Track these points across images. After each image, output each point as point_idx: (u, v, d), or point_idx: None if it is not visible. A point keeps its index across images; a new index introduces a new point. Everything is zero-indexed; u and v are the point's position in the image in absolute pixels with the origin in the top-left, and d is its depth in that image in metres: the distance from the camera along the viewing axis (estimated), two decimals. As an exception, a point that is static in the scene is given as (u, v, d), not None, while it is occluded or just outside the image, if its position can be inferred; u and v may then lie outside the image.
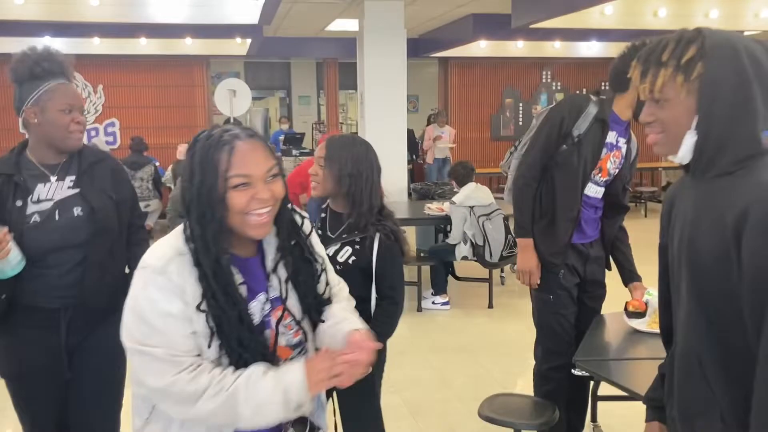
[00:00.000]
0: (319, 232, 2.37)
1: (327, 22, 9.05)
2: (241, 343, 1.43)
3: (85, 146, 2.33)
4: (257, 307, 1.50)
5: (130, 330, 1.42)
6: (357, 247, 2.35)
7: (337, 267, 2.28)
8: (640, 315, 2.81)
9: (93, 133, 10.63)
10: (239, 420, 1.41)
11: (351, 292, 2.16)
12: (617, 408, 3.62)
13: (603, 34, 8.98)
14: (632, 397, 2.91)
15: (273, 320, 1.52)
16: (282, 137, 11.97)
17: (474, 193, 5.56)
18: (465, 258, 5.59)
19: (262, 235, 1.49)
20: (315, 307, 1.61)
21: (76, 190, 2.23)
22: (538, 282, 2.93)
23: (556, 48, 10.86)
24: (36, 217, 2.16)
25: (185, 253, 1.42)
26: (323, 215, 2.44)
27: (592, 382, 3.21)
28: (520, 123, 12.05)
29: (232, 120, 8.16)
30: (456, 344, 5.03)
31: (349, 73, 11.80)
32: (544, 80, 12.18)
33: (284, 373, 1.42)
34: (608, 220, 3.00)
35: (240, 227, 1.44)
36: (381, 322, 2.35)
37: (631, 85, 2.76)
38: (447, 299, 5.85)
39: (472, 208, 5.44)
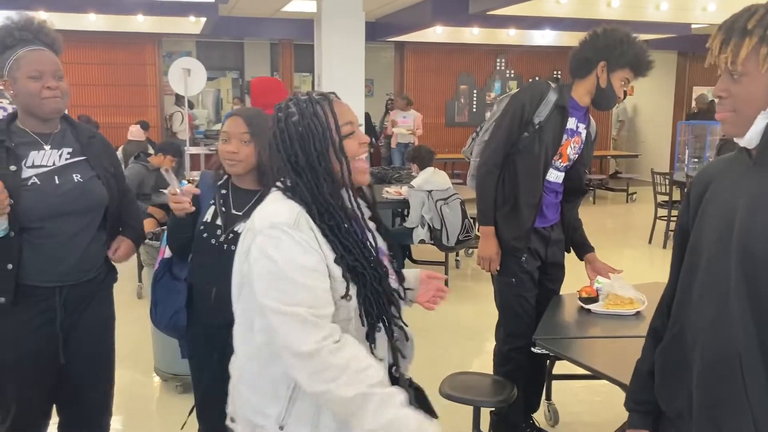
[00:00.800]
0: (223, 209, 2.29)
1: (283, 2, 8.93)
2: (376, 289, 1.52)
3: (75, 120, 2.31)
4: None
5: (269, 292, 1.43)
6: None
7: None
8: (593, 300, 2.91)
9: (38, 110, 10.28)
10: (357, 423, 1.42)
11: None
12: (570, 386, 3.74)
13: (556, 23, 9.13)
14: (585, 375, 3.03)
15: (387, 264, 1.63)
16: (235, 118, 11.83)
17: (432, 178, 5.61)
18: (422, 241, 5.65)
19: (366, 181, 1.59)
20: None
21: (76, 159, 2.22)
22: (498, 268, 2.99)
23: (510, 36, 10.98)
24: (35, 180, 2.13)
25: (302, 210, 1.49)
26: (224, 192, 2.33)
27: (548, 362, 3.31)
28: (474, 110, 12.16)
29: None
30: (413, 326, 5.06)
31: (303, 56, 11.69)
32: (498, 68, 12.30)
33: (428, 424, 1.45)
34: (568, 204, 3.08)
35: (353, 176, 1.53)
36: None
37: (590, 72, 2.82)
38: (404, 282, 5.90)
39: (430, 192, 5.49)
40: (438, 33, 10.50)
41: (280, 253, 1.44)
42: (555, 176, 2.96)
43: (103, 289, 2.37)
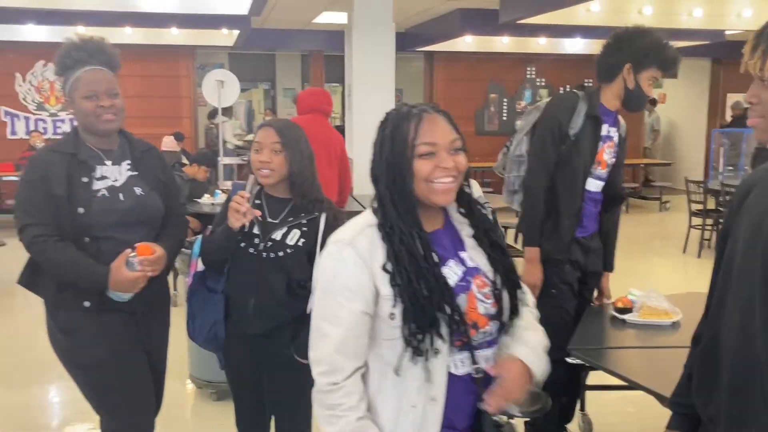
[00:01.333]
0: (259, 218, 2.34)
1: (315, 14, 9.03)
2: (431, 302, 1.46)
3: (131, 135, 2.42)
4: (448, 272, 1.54)
5: (316, 300, 1.56)
6: (305, 229, 2.33)
7: (288, 251, 2.29)
8: (628, 311, 2.89)
9: (76, 122, 10.53)
10: None
11: (297, 276, 2.29)
12: (605, 397, 3.70)
13: (588, 31, 9.07)
14: (619, 386, 2.99)
15: (474, 286, 1.55)
16: (267, 129, 12.05)
17: (464, 187, 5.56)
18: (453, 250, 5.61)
19: (446, 202, 1.55)
20: (512, 283, 1.62)
21: (134, 173, 2.33)
22: (538, 294, 2.93)
23: (540, 44, 10.93)
24: (104, 192, 2.24)
25: (374, 223, 1.53)
26: (257, 201, 2.38)
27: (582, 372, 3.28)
28: (504, 118, 12.12)
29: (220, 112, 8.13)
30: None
31: (333, 66, 11.77)
32: (528, 76, 12.25)
33: None
34: (607, 214, 3.05)
35: (425, 195, 1.51)
36: None
37: (617, 76, 2.80)
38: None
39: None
40: (467, 42, 10.50)
41: (329, 269, 1.53)
42: (595, 185, 2.94)
43: (163, 286, 2.50)
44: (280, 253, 2.30)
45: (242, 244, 2.34)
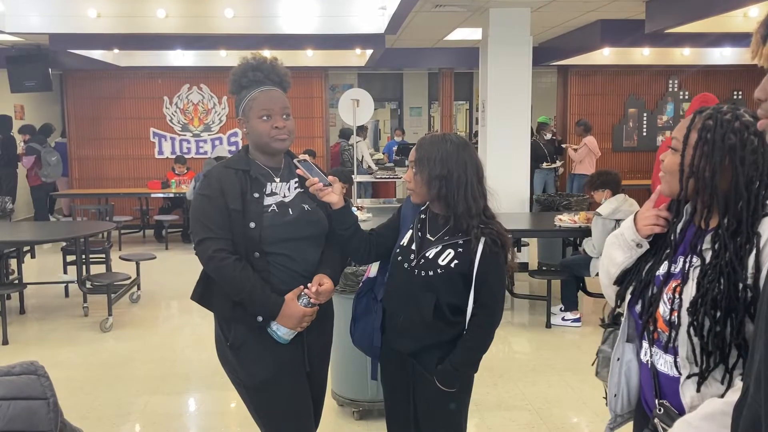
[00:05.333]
0: (419, 234, 2.28)
1: (447, 31, 8.98)
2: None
3: (295, 154, 2.41)
4: (664, 268, 1.64)
5: None
6: (460, 250, 2.21)
7: (438, 270, 2.21)
8: None
9: (217, 142, 11.07)
10: None
11: (448, 300, 2.20)
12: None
13: (740, 39, 8.40)
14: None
15: (665, 287, 1.61)
16: (395, 147, 12.17)
17: (623, 206, 5.19)
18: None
19: None
20: (719, 325, 1.49)
21: (302, 190, 2.34)
22: None
23: (684, 55, 10.30)
24: (274, 207, 2.26)
25: None
26: (422, 216, 2.33)
27: None
28: (644, 134, 11.50)
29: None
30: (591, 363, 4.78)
31: (459, 84, 11.68)
32: (670, 89, 11.58)
33: None
34: None
35: None
36: (476, 334, 2.22)
37: None
38: (578, 315, 5.58)
39: (618, 221, 5.13)
40: (605, 55, 10.07)
41: None
42: None
43: (328, 307, 2.46)
44: (431, 272, 2.22)
45: (399, 258, 2.31)
